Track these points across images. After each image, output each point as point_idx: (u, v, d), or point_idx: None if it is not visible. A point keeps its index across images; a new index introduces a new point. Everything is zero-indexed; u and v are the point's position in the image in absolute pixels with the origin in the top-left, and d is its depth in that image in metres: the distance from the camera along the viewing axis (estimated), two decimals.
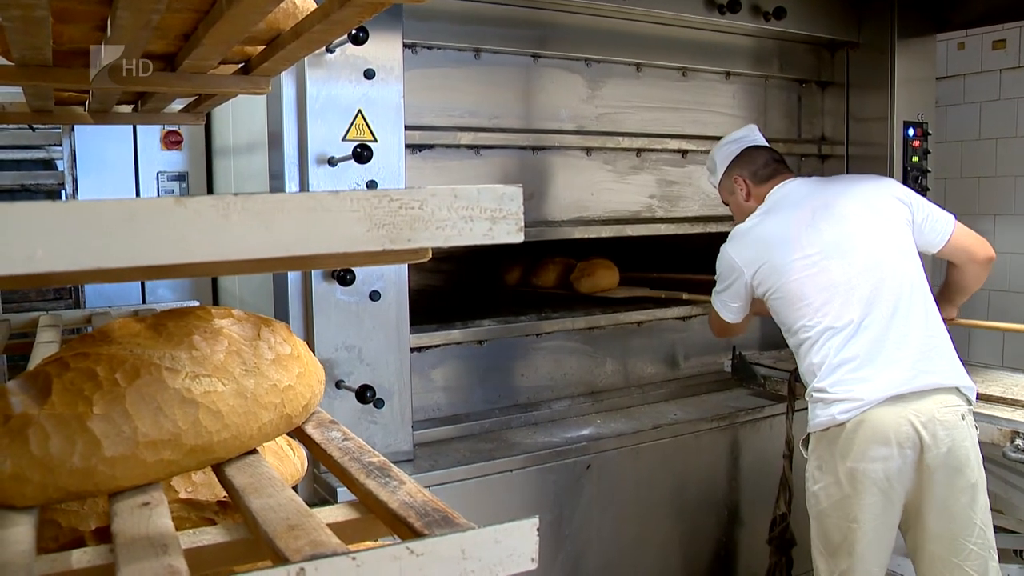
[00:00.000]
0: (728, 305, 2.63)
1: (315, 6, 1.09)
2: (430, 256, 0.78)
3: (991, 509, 2.41)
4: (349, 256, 0.62)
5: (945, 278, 2.74)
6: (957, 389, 2.37)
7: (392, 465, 0.86)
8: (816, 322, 2.41)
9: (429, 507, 0.75)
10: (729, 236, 2.64)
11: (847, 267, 2.42)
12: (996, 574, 2.37)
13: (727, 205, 2.84)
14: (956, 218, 2.58)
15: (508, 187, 0.65)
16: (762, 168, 2.69)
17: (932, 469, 2.30)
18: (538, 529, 0.71)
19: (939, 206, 2.60)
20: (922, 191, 3.40)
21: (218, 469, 0.88)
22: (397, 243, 0.60)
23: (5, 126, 3.00)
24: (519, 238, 0.66)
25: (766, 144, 2.78)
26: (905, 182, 3.36)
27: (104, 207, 0.55)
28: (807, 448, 2.48)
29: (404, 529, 0.74)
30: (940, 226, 2.55)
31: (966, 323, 3.06)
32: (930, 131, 3.44)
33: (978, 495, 2.35)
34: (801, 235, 2.47)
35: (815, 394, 2.42)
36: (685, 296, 3.24)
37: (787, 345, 2.59)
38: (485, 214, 0.64)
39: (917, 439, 2.30)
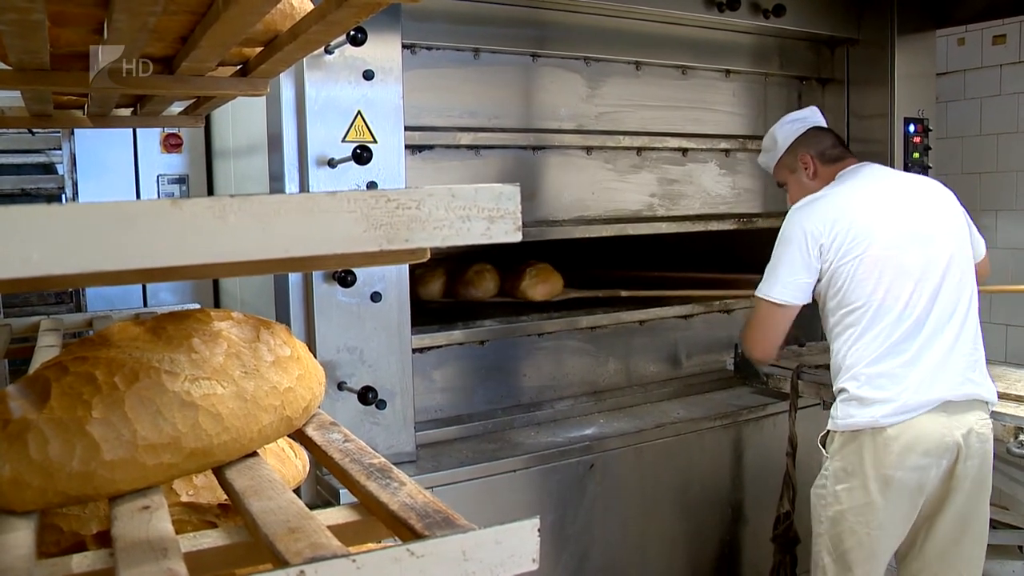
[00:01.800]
0: (790, 283, 2.43)
1: (312, 7, 1.09)
2: (428, 256, 0.78)
3: (996, 505, 2.43)
4: (347, 257, 0.62)
5: None
6: (987, 403, 2.37)
7: (393, 467, 0.86)
8: (878, 307, 2.32)
9: (430, 508, 0.75)
10: (799, 204, 2.52)
11: (923, 264, 2.35)
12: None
13: (781, 186, 2.77)
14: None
15: (505, 186, 0.65)
16: (830, 149, 2.63)
17: (961, 479, 2.29)
18: (539, 529, 0.71)
19: None
20: None
21: (219, 472, 0.88)
22: (394, 243, 0.60)
23: (5, 130, 3.00)
24: (517, 237, 0.65)
25: (829, 127, 2.74)
26: None
27: (101, 210, 0.55)
28: (827, 446, 2.41)
29: (405, 531, 0.74)
30: (979, 244, 2.59)
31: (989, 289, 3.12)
32: (931, 127, 3.43)
33: (987, 507, 2.39)
34: (886, 213, 2.40)
35: (850, 388, 2.33)
36: (623, 293, 3.18)
37: (789, 343, 2.58)
38: (483, 214, 0.63)
39: (955, 450, 2.27)
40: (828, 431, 2.41)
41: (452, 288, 3.29)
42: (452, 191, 0.62)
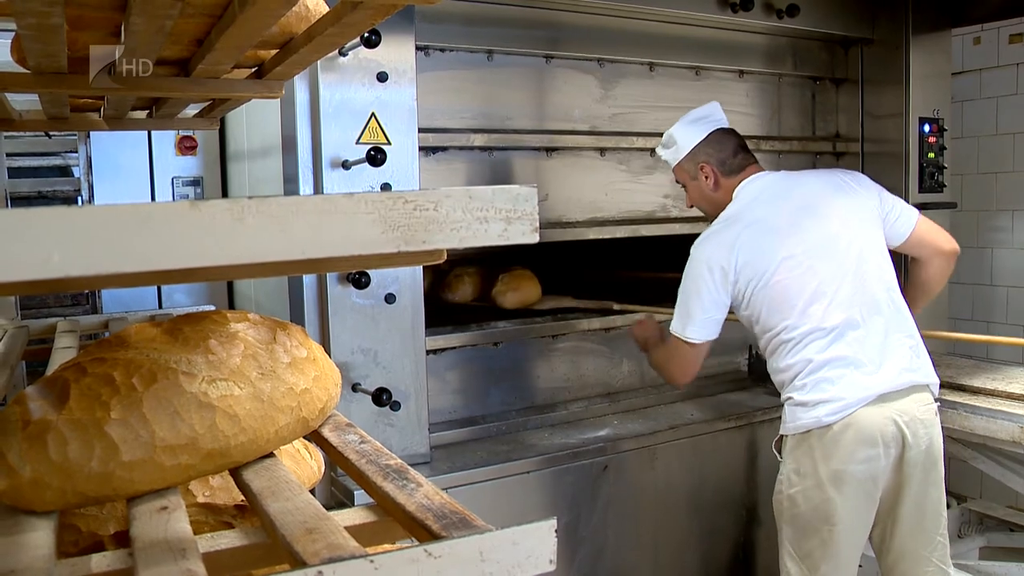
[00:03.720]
0: (704, 320, 2.44)
1: (327, 9, 1.09)
2: (444, 258, 0.78)
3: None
4: (364, 258, 0.62)
5: (908, 279, 2.71)
6: (928, 386, 2.40)
7: (409, 468, 0.86)
8: (801, 323, 2.35)
9: (447, 509, 0.75)
10: (700, 238, 2.49)
11: (833, 268, 2.37)
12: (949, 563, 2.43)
13: (681, 186, 2.70)
14: (920, 212, 2.60)
15: (523, 187, 0.65)
16: (731, 157, 2.57)
17: (911, 466, 2.32)
18: (556, 531, 0.71)
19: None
20: (938, 188, 3.38)
21: (235, 473, 0.89)
22: (412, 245, 0.60)
23: (21, 134, 3.02)
24: (534, 238, 0.65)
25: (731, 128, 2.65)
26: (921, 179, 3.34)
27: (119, 212, 0.55)
28: (781, 451, 2.44)
29: (422, 531, 0.74)
30: (905, 218, 2.54)
31: (944, 336, 3.14)
32: (946, 127, 3.41)
33: (942, 488, 2.41)
34: (785, 234, 2.40)
35: (795, 395, 2.37)
36: (615, 306, 3.09)
37: None
38: (500, 215, 0.63)
39: (900, 438, 2.31)
40: (780, 436, 2.44)
41: (436, 289, 3.34)
42: (470, 192, 0.63)
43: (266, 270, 0.67)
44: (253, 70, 1.43)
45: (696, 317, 2.43)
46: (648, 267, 3.67)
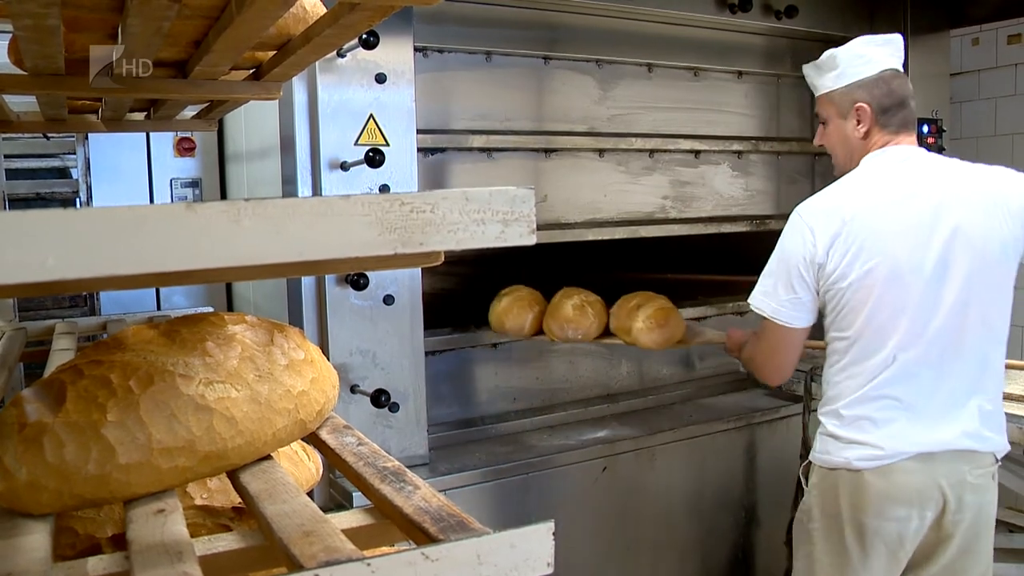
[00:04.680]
0: (796, 303, 2.10)
1: (325, 11, 1.09)
2: (442, 259, 0.78)
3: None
4: (361, 260, 0.62)
5: None
6: (992, 453, 2.10)
7: (407, 470, 0.86)
8: (869, 342, 2.04)
9: (444, 512, 0.75)
10: (804, 205, 2.15)
11: (933, 295, 2.01)
12: None
13: (820, 118, 2.29)
14: None
15: (520, 189, 0.64)
16: (896, 110, 2.15)
17: (951, 533, 2.06)
18: (554, 533, 0.70)
19: None
20: None
21: (233, 475, 0.88)
22: (409, 247, 0.60)
23: (20, 135, 3.01)
24: (531, 240, 0.65)
25: (904, 74, 2.23)
26: None
27: (115, 214, 0.55)
28: (807, 479, 2.20)
29: (419, 534, 0.74)
30: None
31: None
32: (944, 128, 3.41)
33: (988, 565, 2.15)
34: (907, 236, 2.02)
35: (831, 424, 2.11)
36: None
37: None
38: (497, 216, 0.63)
39: (942, 501, 2.03)
40: (809, 461, 2.22)
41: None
42: (466, 194, 0.62)
43: (263, 272, 0.67)
44: (251, 72, 1.43)
45: (792, 300, 2.11)
46: (649, 269, 3.67)
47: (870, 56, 2.17)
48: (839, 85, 2.19)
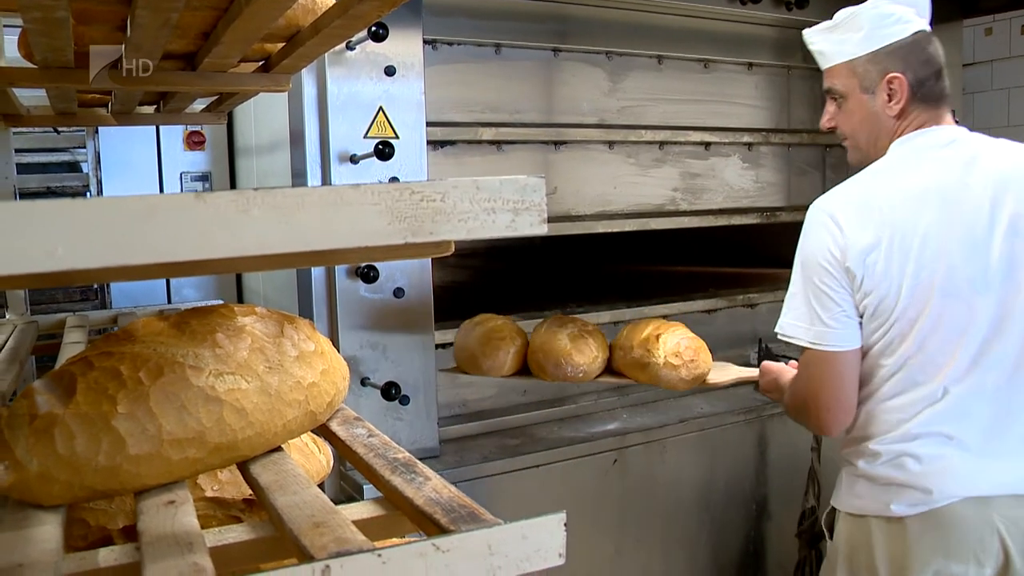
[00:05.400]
0: (839, 318, 1.70)
1: (334, 1, 1.09)
2: (452, 249, 0.77)
3: None
4: (371, 250, 0.62)
5: None
6: None
7: (418, 461, 0.86)
8: (916, 372, 1.69)
9: (455, 503, 0.75)
10: (829, 195, 1.79)
11: (997, 310, 1.66)
12: None
13: (834, 94, 1.91)
14: None
15: (530, 178, 0.64)
16: (934, 81, 1.78)
17: None
18: (565, 524, 0.70)
19: None
20: None
21: (243, 467, 0.88)
22: (419, 236, 0.60)
23: (30, 129, 3.02)
24: (542, 229, 0.65)
25: (939, 42, 1.84)
26: None
27: (124, 204, 0.55)
28: (831, 529, 1.89)
29: (430, 525, 0.73)
30: None
31: None
32: (958, 119, 3.39)
33: None
34: (964, 239, 1.66)
35: (861, 461, 1.76)
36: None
37: None
38: (507, 205, 0.63)
39: (1003, 554, 1.67)
40: (832, 508, 1.89)
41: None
42: (477, 183, 0.62)
43: (272, 262, 0.67)
44: (260, 64, 1.43)
45: (829, 320, 1.72)
46: (659, 262, 3.66)
47: (900, 15, 1.78)
48: (864, 51, 1.79)
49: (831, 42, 1.89)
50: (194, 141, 3.25)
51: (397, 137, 2.29)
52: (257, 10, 0.97)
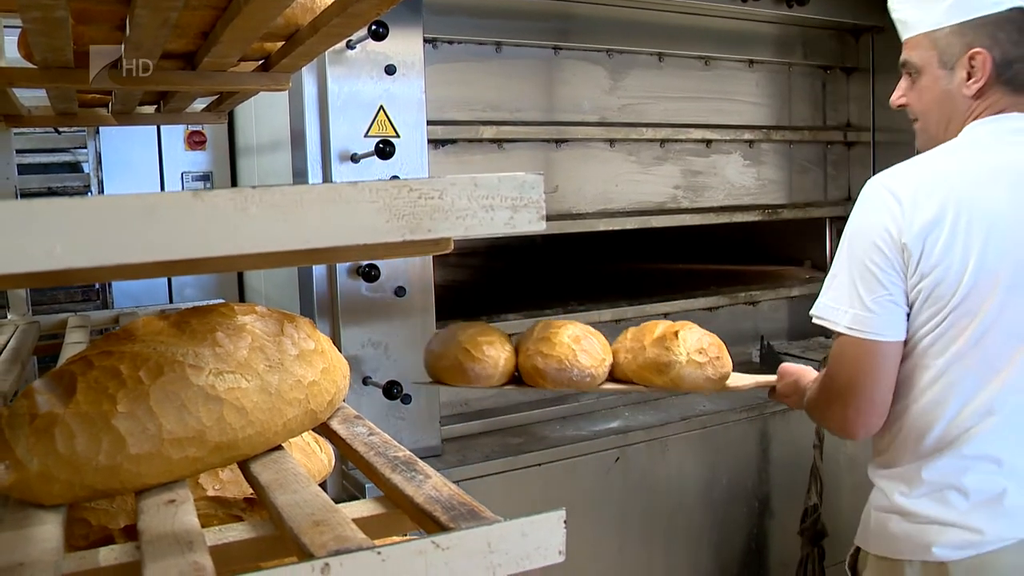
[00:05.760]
0: (885, 304, 1.51)
1: (332, 0, 1.09)
2: (452, 247, 0.77)
3: None
4: (370, 248, 0.62)
5: None
6: None
7: (418, 459, 0.86)
8: (969, 377, 1.49)
9: (455, 501, 0.75)
10: (892, 171, 1.60)
11: None
12: None
13: (909, 68, 1.68)
14: None
15: (528, 175, 0.64)
16: (1022, 64, 1.56)
17: None
18: (565, 521, 0.70)
19: None
20: None
21: (244, 466, 0.88)
22: (417, 233, 0.60)
23: (31, 130, 3.03)
24: (541, 227, 0.65)
25: None
26: None
27: (122, 202, 0.55)
28: (856, 571, 1.68)
29: (430, 523, 0.73)
30: None
31: None
32: None
33: None
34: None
35: (896, 493, 1.56)
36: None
37: (816, 334, 2.26)
38: (506, 203, 0.63)
39: None
40: (857, 548, 1.68)
41: None
42: (475, 180, 0.62)
43: (272, 260, 0.67)
44: (260, 63, 1.43)
45: (872, 301, 1.52)
46: (660, 260, 3.66)
47: None
48: (950, 21, 1.58)
49: (916, 9, 1.64)
50: (195, 141, 3.25)
51: (398, 136, 2.29)
52: (256, 9, 0.97)
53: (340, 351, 1.06)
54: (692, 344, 1.87)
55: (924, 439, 1.52)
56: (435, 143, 2.56)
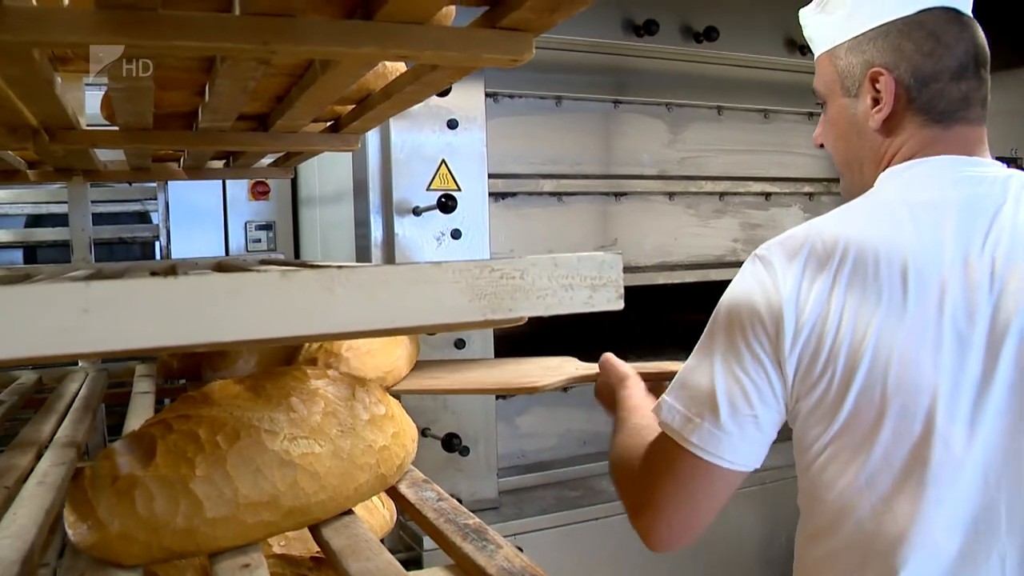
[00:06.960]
0: (743, 422, 1.21)
1: (405, 68, 1.11)
2: (525, 321, 0.78)
3: None
4: (450, 324, 0.62)
5: None
6: None
7: (488, 528, 0.86)
8: (879, 450, 1.12)
9: (528, 573, 0.75)
10: (773, 241, 1.25)
11: (969, 377, 1.08)
12: None
13: (818, 98, 1.36)
14: None
15: (607, 255, 0.65)
16: (950, 82, 1.20)
17: None
18: None
19: None
20: None
21: (314, 529, 0.89)
22: (498, 313, 0.60)
23: (106, 183, 3.11)
24: (619, 305, 0.65)
25: (972, 20, 1.26)
26: None
27: (212, 282, 0.57)
28: None
29: None
30: None
31: None
32: None
33: None
34: (936, 345, 1.08)
35: None
36: None
37: None
38: (585, 282, 0.63)
39: None
40: None
41: None
42: (555, 260, 0.63)
43: (355, 334, 0.68)
44: (329, 124, 1.46)
45: (728, 405, 1.22)
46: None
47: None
48: (845, 36, 1.25)
49: (817, 23, 1.32)
50: (259, 191, 3.32)
51: (459, 189, 2.31)
52: (332, 78, 0.99)
53: (400, 402, 1.07)
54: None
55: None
56: (496, 196, 2.58)
